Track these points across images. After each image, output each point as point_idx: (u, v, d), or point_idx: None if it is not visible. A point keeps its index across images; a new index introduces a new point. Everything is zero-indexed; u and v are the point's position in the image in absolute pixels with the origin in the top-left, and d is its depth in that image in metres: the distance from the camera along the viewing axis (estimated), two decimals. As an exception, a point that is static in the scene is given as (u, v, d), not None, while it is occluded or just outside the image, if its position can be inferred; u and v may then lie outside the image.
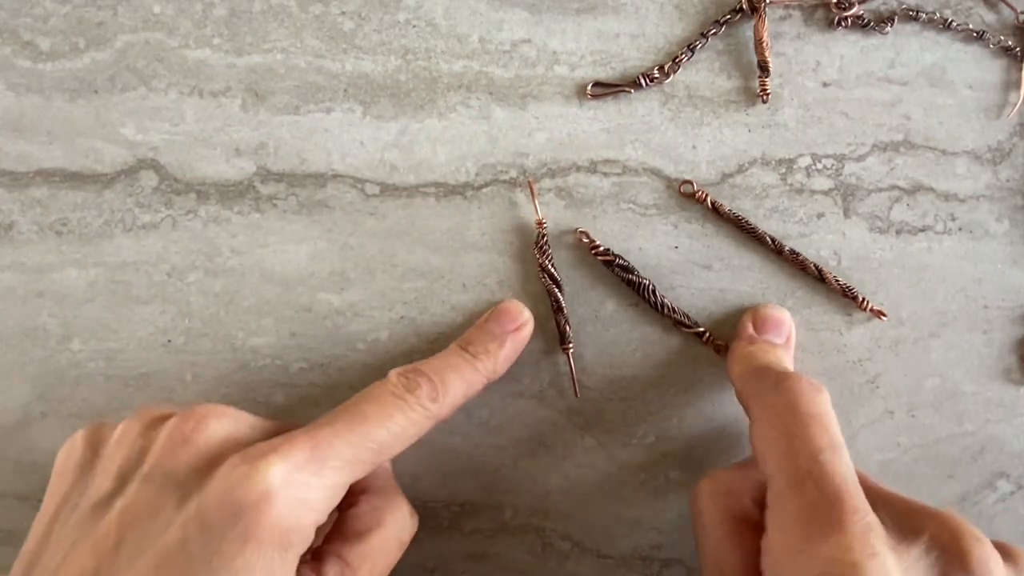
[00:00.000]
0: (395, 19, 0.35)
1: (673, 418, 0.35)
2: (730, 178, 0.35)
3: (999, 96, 0.35)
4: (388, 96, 0.35)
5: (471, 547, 0.36)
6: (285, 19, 0.35)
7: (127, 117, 0.35)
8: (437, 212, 0.35)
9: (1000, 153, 0.35)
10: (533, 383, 0.35)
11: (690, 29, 0.35)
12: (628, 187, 0.35)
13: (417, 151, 0.35)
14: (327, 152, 0.35)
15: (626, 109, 0.35)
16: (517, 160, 0.35)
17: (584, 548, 0.36)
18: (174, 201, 0.35)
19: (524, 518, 0.36)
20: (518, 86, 0.35)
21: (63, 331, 0.35)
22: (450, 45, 0.35)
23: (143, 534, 0.25)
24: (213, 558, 0.24)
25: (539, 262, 0.34)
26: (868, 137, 0.35)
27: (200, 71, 0.35)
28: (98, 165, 0.35)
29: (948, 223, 0.35)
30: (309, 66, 0.35)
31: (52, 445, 0.35)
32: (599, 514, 0.36)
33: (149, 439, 0.28)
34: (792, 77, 0.35)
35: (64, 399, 0.35)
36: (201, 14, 0.35)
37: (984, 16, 0.35)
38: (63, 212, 0.35)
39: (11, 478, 0.36)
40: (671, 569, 0.36)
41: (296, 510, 0.25)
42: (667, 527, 0.36)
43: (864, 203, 0.35)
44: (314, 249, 0.35)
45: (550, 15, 0.35)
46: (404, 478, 0.35)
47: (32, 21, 0.35)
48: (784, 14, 0.35)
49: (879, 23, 0.34)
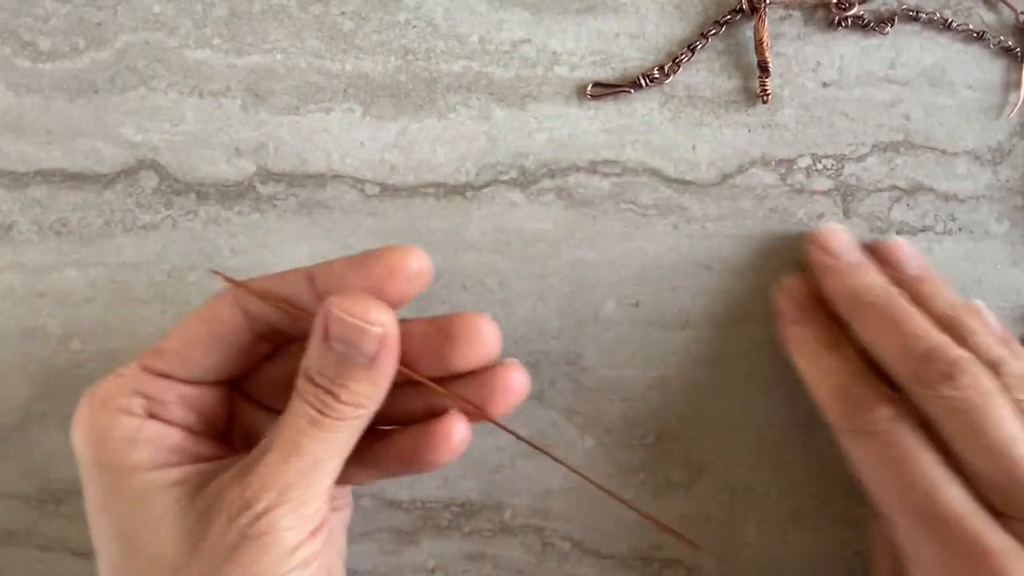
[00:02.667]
0: (395, 19, 0.35)
1: (673, 418, 0.35)
2: (730, 178, 0.35)
3: (999, 96, 0.35)
4: (388, 96, 0.35)
5: (471, 547, 0.36)
6: (285, 19, 0.35)
7: (127, 117, 0.35)
8: (437, 212, 0.35)
9: (1000, 153, 0.35)
10: (533, 383, 0.35)
11: (690, 29, 0.35)
12: (628, 187, 0.35)
13: (417, 151, 0.35)
14: (327, 152, 0.35)
15: (626, 109, 0.35)
16: (517, 160, 0.35)
17: (584, 548, 0.36)
18: (174, 201, 0.35)
19: (524, 518, 0.36)
20: (518, 86, 0.35)
21: (63, 331, 0.35)
22: (450, 45, 0.35)
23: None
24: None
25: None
26: (868, 137, 0.35)
27: (200, 71, 0.35)
28: (98, 165, 0.35)
29: (948, 223, 0.35)
30: (309, 66, 0.35)
31: (52, 445, 0.35)
32: (599, 514, 0.36)
33: None
34: (792, 77, 0.35)
35: (64, 399, 0.35)
36: (201, 14, 0.35)
37: (984, 16, 0.35)
38: (63, 212, 0.35)
39: (11, 478, 0.36)
40: (671, 569, 0.36)
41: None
42: (667, 527, 0.36)
43: (864, 203, 0.35)
44: (314, 249, 0.35)
45: (550, 15, 0.35)
46: (404, 478, 0.35)
47: (32, 21, 0.35)
48: (784, 14, 0.35)
49: (879, 23, 0.34)
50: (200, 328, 0.27)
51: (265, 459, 0.25)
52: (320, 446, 0.25)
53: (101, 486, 0.27)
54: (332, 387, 0.25)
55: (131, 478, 0.26)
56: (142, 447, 0.26)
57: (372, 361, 0.25)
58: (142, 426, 0.27)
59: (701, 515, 0.35)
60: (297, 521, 0.25)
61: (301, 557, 0.25)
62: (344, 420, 0.26)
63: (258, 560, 0.24)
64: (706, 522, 0.35)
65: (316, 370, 0.26)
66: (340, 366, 0.25)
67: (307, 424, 0.25)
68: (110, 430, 0.26)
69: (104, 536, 0.27)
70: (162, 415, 0.27)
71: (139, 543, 0.26)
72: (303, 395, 0.26)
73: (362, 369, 0.25)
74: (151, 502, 0.26)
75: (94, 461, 0.27)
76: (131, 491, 0.26)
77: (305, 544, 0.25)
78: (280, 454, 0.25)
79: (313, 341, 0.26)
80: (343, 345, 0.25)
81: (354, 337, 0.25)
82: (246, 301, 0.27)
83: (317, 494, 0.26)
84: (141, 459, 0.26)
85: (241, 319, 0.27)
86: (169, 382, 0.28)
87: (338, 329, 0.25)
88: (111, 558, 0.27)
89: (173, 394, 0.27)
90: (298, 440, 0.25)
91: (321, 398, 0.25)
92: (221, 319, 0.27)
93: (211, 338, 0.27)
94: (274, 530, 0.25)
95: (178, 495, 0.26)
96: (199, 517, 0.25)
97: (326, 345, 0.25)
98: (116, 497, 0.26)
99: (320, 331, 0.25)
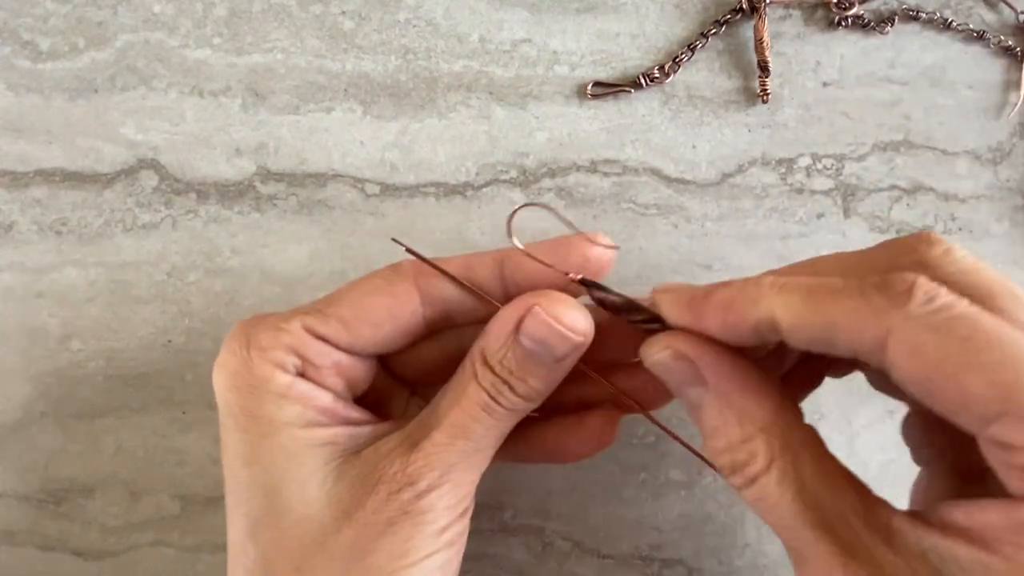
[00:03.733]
0: (395, 19, 0.35)
1: (673, 418, 0.35)
2: (730, 178, 0.35)
3: (999, 96, 0.35)
4: (388, 96, 0.35)
5: (471, 547, 0.36)
6: (285, 19, 0.35)
7: (127, 117, 0.35)
8: (437, 212, 0.35)
9: (1000, 153, 0.35)
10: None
11: (690, 29, 0.35)
12: (628, 187, 0.35)
13: (417, 151, 0.35)
14: (327, 152, 0.35)
15: (626, 109, 0.35)
16: (517, 160, 0.35)
17: (584, 548, 0.36)
18: (174, 201, 0.35)
19: (524, 518, 0.36)
20: (518, 86, 0.35)
21: (63, 331, 0.35)
22: (450, 45, 0.35)
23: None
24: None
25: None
26: (868, 137, 0.35)
27: (200, 71, 0.35)
28: (98, 165, 0.35)
29: (948, 223, 0.35)
30: (309, 66, 0.35)
31: (52, 445, 0.35)
32: (599, 514, 0.36)
33: None
34: (792, 77, 0.35)
35: (64, 399, 0.35)
36: (201, 14, 0.35)
37: (984, 16, 0.35)
38: (63, 212, 0.35)
39: (11, 478, 0.36)
40: (671, 569, 0.36)
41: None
42: (667, 527, 0.36)
43: (864, 203, 0.35)
44: (314, 249, 0.35)
45: (550, 15, 0.35)
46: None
47: (32, 21, 0.35)
48: (784, 14, 0.35)
49: (879, 23, 0.34)
50: (375, 302, 0.26)
51: (432, 437, 0.25)
52: (487, 431, 0.26)
53: (249, 437, 0.26)
54: (511, 379, 0.25)
55: (281, 433, 0.25)
56: (294, 404, 0.25)
57: (558, 363, 0.25)
58: (294, 383, 0.26)
59: (701, 515, 0.35)
60: (453, 501, 0.25)
61: (449, 537, 0.25)
62: (514, 411, 0.26)
63: (412, 536, 0.24)
64: (706, 522, 0.35)
65: (497, 359, 0.25)
66: (526, 361, 0.25)
67: (479, 409, 0.25)
68: (266, 382, 0.25)
69: (246, 490, 0.26)
70: (314, 377, 0.26)
71: (286, 501, 0.25)
72: (480, 380, 0.25)
73: (546, 368, 0.25)
74: (301, 460, 0.25)
75: (243, 409, 0.26)
76: (280, 447, 0.25)
77: (454, 524, 0.26)
78: (448, 435, 0.25)
79: (497, 330, 0.25)
80: (536, 344, 0.25)
81: (553, 341, 0.25)
82: (427, 283, 0.26)
83: (474, 477, 0.26)
84: (292, 415, 0.25)
85: (418, 301, 0.27)
86: (329, 348, 0.26)
87: (536, 329, 0.25)
88: (253, 514, 0.26)
89: (330, 360, 0.26)
90: (468, 424, 0.25)
91: (498, 387, 0.25)
92: (398, 297, 0.26)
93: (385, 315, 0.26)
94: (432, 509, 0.25)
95: (328, 456, 0.25)
96: (352, 484, 0.25)
97: (515, 338, 0.25)
98: (265, 451, 0.25)
99: (512, 323, 0.25)
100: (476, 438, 0.26)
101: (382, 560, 0.24)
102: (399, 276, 0.27)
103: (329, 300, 0.27)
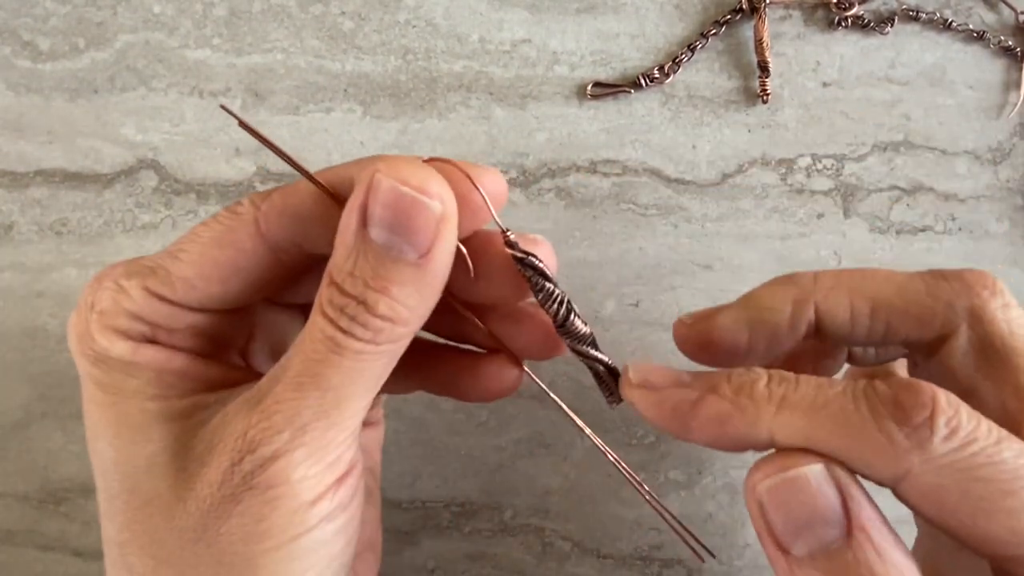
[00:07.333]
0: (395, 19, 0.35)
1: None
2: (730, 178, 0.35)
3: (999, 96, 0.35)
4: (388, 96, 0.35)
5: (471, 547, 0.36)
6: (285, 19, 0.35)
7: (127, 117, 0.35)
8: (437, 212, 0.35)
9: (1000, 153, 0.35)
10: (533, 383, 0.35)
11: (690, 29, 0.35)
12: (628, 187, 0.35)
13: (417, 151, 0.35)
14: (327, 152, 0.35)
15: (626, 109, 0.35)
16: (517, 160, 0.35)
17: (584, 548, 0.36)
18: (174, 201, 0.35)
19: (524, 518, 0.36)
20: (518, 86, 0.35)
21: (63, 331, 0.35)
22: (450, 45, 0.35)
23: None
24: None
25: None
26: (868, 137, 0.35)
27: (200, 71, 0.35)
28: (98, 165, 0.35)
29: (948, 223, 0.35)
30: (309, 66, 0.35)
31: (52, 445, 0.35)
32: (599, 514, 0.36)
33: None
34: (792, 77, 0.35)
35: (64, 399, 0.35)
36: (201, 14, 0.35)
37: (984, 16, 0.35)
38: (63, 212, 0.35)
39: (11, 478, 0.36)
40: (671, 569, 0.36)
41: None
42: (667, 527, 0.36)
43: (864, 203, 0.35)
44: (314, 249, 0.35)
45: (550, 15, 0.35)
46: (404, 478, 0.35)
47: (32, 21, 0.35)
48: (784, 14, 0.35)
49: (879, 23, 0.34)
50: (215, 254, 0.22)
51: (274, 392, 0.20)
52: (344, 377, 0.20)
53: (98, 408, 0.22)
54: (366, 294, 0.19)
55: (128, 404, 0.22)
56: (142, 371, 0.22)
57: (423, 258, 0.20)
58: (138, 350, 0.22)
59: (701, 515, 0.35)
60: (318, 468, 0.20)
61: (322, 512, 0.20)
62: (377, 345, 0.20)
63: (265, 516, 0.20)
64: (706, 522, 0.35)
65: (347, 270, 0.20)
66: (380, 263, 0.19)
67: (327, 349, 0.20)
68: (107, 349, 0.22)
69: (98, 467, 0.22)
70: (167, 341, 0.22)
71: (134, 479, 0.21)
72: (324, 309, 0.20)
73: (409, 268, 0.19)
74: (149, 435, 0.21)
75: (91, 377, 0.22)
76: (127, 420, 0.22)
77: (327, 496, 0.20)
78: (292, 387, 0.20)
79: (344, 234, 0.20)
80: (388, 232, 0.19)
81: (404, 218, 0.19)
82: (274, 222, 0.22)
83: (340, 437, 0.20)
84: (139, 384, 0.22)
85: (263, 248, 0.22)
86: (178, 310, 0.22)
87: (384, 208, 0.19)
88: (108, 491, 0.22)
89: (183, 322, 0.22)
90: (316, 370, 0.20)
91: (350, 312, 0.19)
92: (240, 247, 0.22)
93: (229, 267, 0.22)
94: (286, 481, 0.20)
95: (179, 431, 0.21)
96: (201, 456, 0.21)
97: (362, 235, 0.19)
98: (112, 424, 0.22)
99: (355, 214, 0.19)
100: (333, 386, 0.20)
101: (236, 544, 0.20)
102: (238, 221, 0.22)
103: (175, 252, 0.22)
